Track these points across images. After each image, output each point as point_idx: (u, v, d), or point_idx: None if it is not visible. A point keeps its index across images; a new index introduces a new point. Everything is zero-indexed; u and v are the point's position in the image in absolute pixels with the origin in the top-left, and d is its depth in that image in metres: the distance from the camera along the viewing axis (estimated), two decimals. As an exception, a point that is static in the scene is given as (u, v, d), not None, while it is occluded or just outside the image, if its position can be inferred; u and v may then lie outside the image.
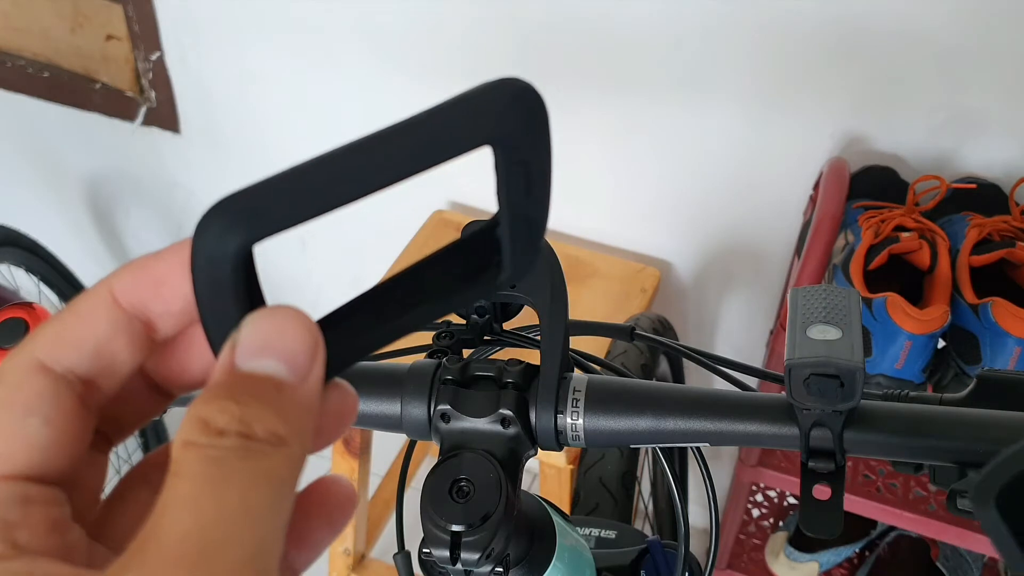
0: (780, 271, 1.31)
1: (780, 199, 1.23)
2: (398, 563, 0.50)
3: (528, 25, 1.21)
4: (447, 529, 0.41)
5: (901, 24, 1.04)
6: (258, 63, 1.43)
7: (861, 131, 1.14)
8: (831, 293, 0.43)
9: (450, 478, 0.42)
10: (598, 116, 1.26)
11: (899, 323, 0.90)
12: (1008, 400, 0.42)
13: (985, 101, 1.07)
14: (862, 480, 1.13)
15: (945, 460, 0.42)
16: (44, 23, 1.56)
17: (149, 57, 1.50)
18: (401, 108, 1.38)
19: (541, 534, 0.47)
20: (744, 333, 1.42)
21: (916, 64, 1.06)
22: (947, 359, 0.96)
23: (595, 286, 1.32)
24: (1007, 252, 0.95)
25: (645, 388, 0.45)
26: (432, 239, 1.38)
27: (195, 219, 0.24)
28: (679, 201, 1.30)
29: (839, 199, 1.03)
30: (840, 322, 0.41)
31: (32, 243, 1.59)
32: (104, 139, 1.66)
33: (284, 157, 1.68)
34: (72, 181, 1.81)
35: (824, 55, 1.09)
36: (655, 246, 1.38)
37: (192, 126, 1.57)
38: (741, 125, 1.19)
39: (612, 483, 0.99)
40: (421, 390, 0.46)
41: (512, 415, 0.44)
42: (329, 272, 1.68)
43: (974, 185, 1.07)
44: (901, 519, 1.10)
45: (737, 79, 1.15)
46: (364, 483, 1.32)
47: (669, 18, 1.13)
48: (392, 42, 1.31)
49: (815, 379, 0.40)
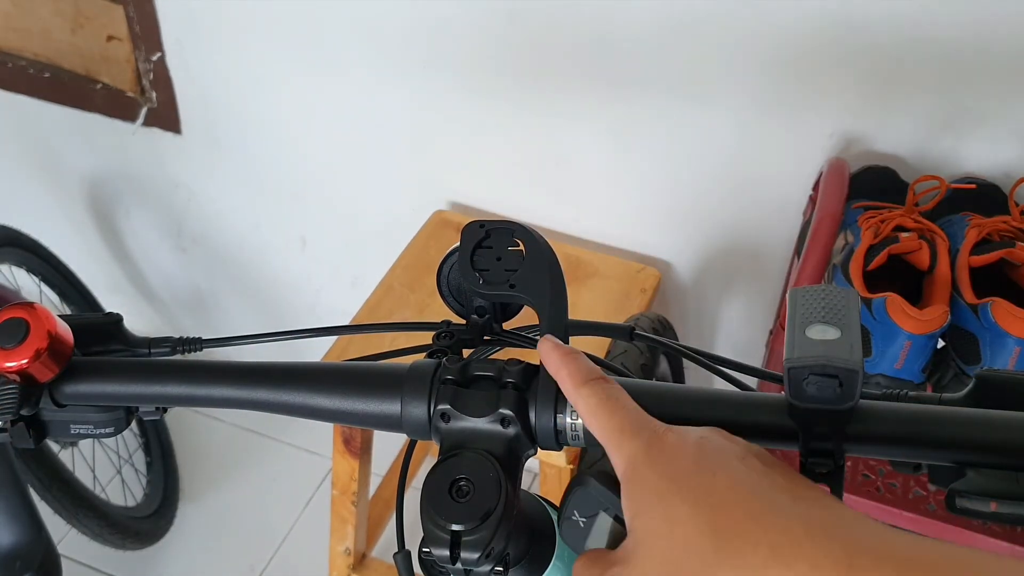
0: (780, 271, 1.31)
1: (780, 199, 1.24)
2: (398, 562, 0.50)
3: (528, 25, 1.21)
4: (447, 528, 0.41)
5: (901, 24, 1.04)
6: (259, 64, 1.43)
7: (861, 131, 1.14)
8: (830, 293, 0.43)
9: (450, 477, 0.42)
10: (598, 116, 1.26)
11: (899, 323, 0.90)
12: (1007, 400, 0.42)
13: (985, 101, 1.07)
14: (861, 480, 1.13)
15: (944, 460, 0.42)
16: (45, 23, 1.56)
17: (150, 58, 1.50)
18: (401, 108, 1.39)
19: (541, 533, 0.47)
20: (744, 333, 1.42)
21: (916, 64, 1.06)
22: (946, 359, 0.96)
23: (595, 286, 1.32)
24: (1006, 252, 0.95)
25: (645, 388, 0.45)
26: (432, 239, 1.38)
27: (195, 219, 0.24)
28: (679, 201, 1.31)
29: (839, 199, 1.03)
30: (839, 322, 0.41)
31: (33, 243, 1.59)
32: (105, 139, 1.67)
33: (284, 157, 1.69)
34: (73, 181, 1.81)
35: (824, 55, 1.09)
36: (655, 246, 1.38)
37: (193, 127, 1.57)
38: (741, 125, 1.19)
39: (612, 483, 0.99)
40: (421, 390, 0.46)
41: (512, 415, 0.44)
42: (329, 272, 1.68)
43: (973, 185, 1.07)
44: (901, 519, 1.10)
45: (737, 79, 1.15)
46: (364, 483, 1.32)
47: (669, 18, 1.13)
48: (392, 42, 1.31)
49: (814, 379, 0.40)
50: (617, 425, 0.40)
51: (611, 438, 0.40)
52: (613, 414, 0.41)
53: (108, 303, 1.87)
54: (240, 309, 1.88)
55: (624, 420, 0.40)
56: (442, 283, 0.52)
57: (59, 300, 1.67)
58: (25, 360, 0.48)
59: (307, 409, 0.48)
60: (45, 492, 1.39)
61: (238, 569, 1.67)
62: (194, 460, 1.83)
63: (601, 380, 0.42)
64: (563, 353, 0.44)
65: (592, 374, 0.43)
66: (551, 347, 0.45)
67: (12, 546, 0.55)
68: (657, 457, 0.38)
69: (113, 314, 0.55)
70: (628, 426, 0.40)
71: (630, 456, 0.39)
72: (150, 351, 0.55)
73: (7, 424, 0.48)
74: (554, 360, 0.44)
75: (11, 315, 0.49)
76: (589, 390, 0.42)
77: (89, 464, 1.66)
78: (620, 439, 0.40)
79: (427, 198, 1.45)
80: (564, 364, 0.43)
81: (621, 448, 0.39)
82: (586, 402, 0.42)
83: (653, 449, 0.38)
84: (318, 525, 1.67)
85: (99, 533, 1.50)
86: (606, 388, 0.42)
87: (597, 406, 0.41)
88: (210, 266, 1.80)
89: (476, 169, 1.41)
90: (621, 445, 0.39)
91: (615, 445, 0.40)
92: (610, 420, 0.40)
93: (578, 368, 0.43)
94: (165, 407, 0.51)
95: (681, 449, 0.38)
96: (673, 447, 0.38)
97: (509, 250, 0.48)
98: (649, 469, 0.38)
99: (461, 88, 1.31)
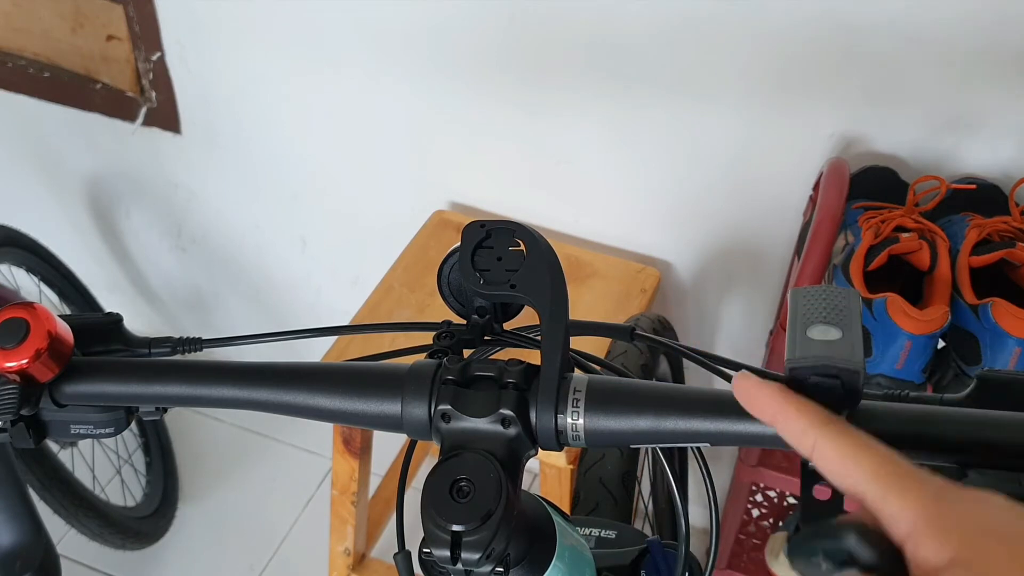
0: (780, 271, 1.31)
1: (780, 199, 1.24)
2: (398, 563, 0.50)
3: (529, 25, 1.21)
4: (447, 529, 0.41)
5: (901, 24, 1.04)
6: (259, 63, 1.43)
7: (861, 131, 1.14)
8: (831, 293, 0.43)
9: (451, 478, 0.42)
10: (599, 116, 1.26)
11: (899, 323, 0.90)
12: (1008, 400, 0.42)
13: (985, 101, 1.07)
14: (862, 480, 1.13)
15: (945, 461, 0.42)
16: (45, 23, 1.56)
17: (150, 57, 1.50)
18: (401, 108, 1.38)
19: (541, 534, 0.47)
20: (744, 333, 1.42)
21: (916, 64, 1.06)
22: (947, 359, 0.96)
23: (595, 286, 1.32)
24: (1007, 252, 0.95)
25: (645, 388, 0.45)
26: (432, 239, 1.38)
27: (195, 219, 0.24)
28: (679, 201, 1.31)
29: (839, 199, 1.03)
30: (840, 322, 0.41)
31: (33, 243, 1.59)
32: (105, 139, 1.67)
33: (284, 157, 1.69)
34: (73, 181, 1.81)
35: (824, 55, 1.09)
36: (655, 246, 1.38)
37: (193, 127, 1.57)
38: (741, 125, 1.19)
39: (612, 483, 0.99)
40: (422, 390, 0.46)
41: (512, 415, 0.44)
42: (329, 272, 1.68)
43: (974, 186, 1.07)
44: (901, 519, 1.10)
45: (737, 79, 1.15)
46: (364, 483, 1.32)
47: (669, 18, 1.13)
48: (392, 42, 1.31)
49: (815, 379, 0.40)
50: (892, 470, 0.36)
51: (890, 479, 0.36)
52: (878, 452, 0.37)
53: (108, 303, 1.87)
54: (240, 309, 1.88)
55: (899, 465, 0.37)
56: (443, 283, 0.52)
57: (59, 300, 1.67)
58: (25, 360, 0.48)
59: (307, 409, 0.48)
60: (45, 492, 1.39)
61: (238, 569, 1.67)
62: (194, 460, 1.83)
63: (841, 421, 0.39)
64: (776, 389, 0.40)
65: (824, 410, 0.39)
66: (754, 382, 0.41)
67: (12, 546, 0.55)
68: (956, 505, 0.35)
69: (113, 314, 0.55)
70: (906, 470, 0.36)
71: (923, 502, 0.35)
72: (150, 351, 0.55)
73: (7, 424, 0.48)
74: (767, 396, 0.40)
75: (11, 315, 0.49)
76: (842, 427, 0.38)
77: (89, 464, 1.66)
78: (904, 485, 0.36)
79: (427, 198, 1.45)
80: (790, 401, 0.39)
81: (906, 495, 0.35)
82: (841, 440, 0.38)
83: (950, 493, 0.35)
84: (318, 525, 1.67)
85: (99, 533, 1.50)
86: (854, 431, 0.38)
87: (860, 445, 0.37)
88: (210, 266, 1.80)
89: (476, 169, 1.41)
90: (906, 491, 0.36)
91: (896, 491, 0.36)
92: (883, 459, 0.37)
93: (809, 406, 0.39)
94: (165, 407, 0.51)
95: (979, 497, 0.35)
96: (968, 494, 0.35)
97: (510, 250, 0.48)
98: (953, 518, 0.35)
99: (461, 88, 1.31)
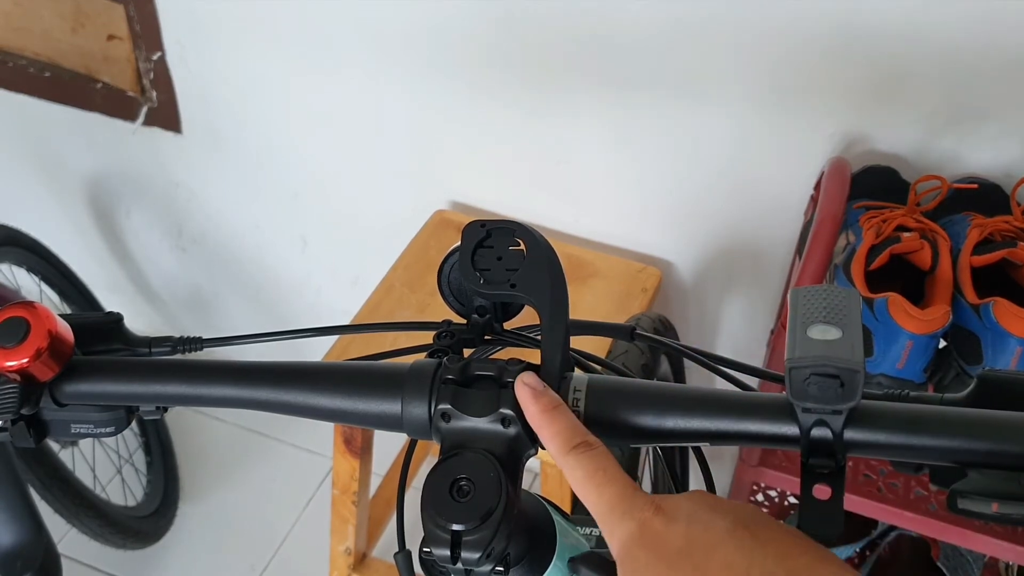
0: (781, 271, 1.31)
1: (781, 199, 1.23)
2: (399, 562, 0.51)
3: (529, 26, 1.21)
4: (448, 528, 0.41)
5: (902, 24, 1.04)
6: (259, 63, 1.43)
7: (862, 131, 1.14)
8: (832, 293, 0.43)
9: (451, 477, 0.42)
10: (599, 116, 1.26)
11: (900, 323, 0.90)
12: (1009, 400, 0.42)
13: (986, 101, 1.07)
14: (862, 480, 1.13)
15: (945, 460, 0.42)
16: (46, 23, 1.56)
17: (150, 57, 1.50)
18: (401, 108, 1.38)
19: (541, 533, 0.47)
20: (745, 333, 1.42)
21: (917, 64, 1.06)
22: (948, 359, 0.96)
23: (596, 286, 1.32)
24: (1008, 252, 0.95)
25: (645, 388, 0.45)
26: (433, 239, 1.38)
27: (195, 219, 0.24)
28: (680, 201, 1.30)
29: (840, 199, 1.03)
30: (841, 322, 0.41)
31: (33, 243, 1.59)
32: (105, 139, 1.67)
33: (284, 157, 1.69)
34: (73, 181, 1.81)
35: (825, 55, 1.09)
36: (656, 246, 1.38)
37: (193, 126, 1.57)
38: (742, 125, 1.19)
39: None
40: (422, 390, 0.46)
41: (513, 415, 0.44)
42: (329, 272, 1.68)
43: (975, 185, 1.07)
44: (902, 519, 1.10)
45: (737, 79, 1.15)
46: (365, 483, 1.32)
47: (669, 18, 1.13)
48: (393, 42, 1.31)
49: (815, 379, 0.40)
50: (607, 504, 0.40)
51: (603, 517, 0.40)
52: (603, 490, 0.40)
53: (108, 302, 1.87)
54: (240, 309, 1.88)
55: (614, 498, 0.40)
56: (443, 283, 0.52)
57: (59, 299, 1.67)
58: (26, 359, 0.48)
59: (308, 409, 0.48)
60: (45, 492, 1.39)
61: (238, 569, 1.67)
62: (194, 460, 1.83)
63: (585, 447, 0.42)
64: (543, 409, 0.43)
65: (575, 437, 0.42)
66: (529, 397, 0.44)
67: (12, 546, 0.55)
68: (651, 540, 0.38)
69: (113, 313, 0.55)
70: (619, 504, 0.40)
71: (623, 539, 0.39)
72: (150, 350, 0.55)
73: (7, 423, 0.48)
74: (533, 415, 0.43)
75: (11, 314, 0.49)
76: (575, 460, 0.41)
77: (89, 464, 1.66)
78: (611, 519, 0.40)
79: (428, 198, 1.45)
80: (545, 424, 0.43)
81: (613, 531, 0.39)
82: (572, 473, 0.41)
83: (646, 531, 0.38)
84: (318, 525, 1.67)
85: (99, 533, 1.50)
86: (593, 459, 0.41)
87: (585, 479, 0.41)
88: (210, 266, 1.80)
89: (477, 169, 1.41)
90: (612, 526, 0.39)
91: (606, 525, 0.40)
92: (600, 497, 0.40)
93: (559, 431, 0.42)
94: (165, 406, 0.51)
95: (673, 529, 0.38)
96: (665, 528, 0.38)
97: (510, 250, 0.48)
98: (643, 551, 0.38)
99: (462, 88, 1.31)
